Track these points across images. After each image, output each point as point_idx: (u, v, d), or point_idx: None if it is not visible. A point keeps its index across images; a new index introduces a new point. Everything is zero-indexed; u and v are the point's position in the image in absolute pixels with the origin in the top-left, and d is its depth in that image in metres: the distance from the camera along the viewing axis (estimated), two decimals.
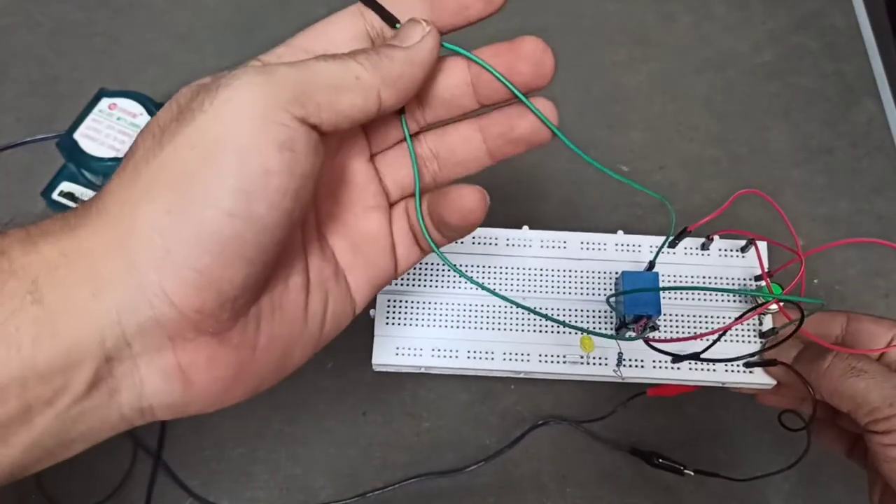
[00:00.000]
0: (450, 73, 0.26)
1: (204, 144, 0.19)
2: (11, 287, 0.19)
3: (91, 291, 0.19)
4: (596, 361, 0.36)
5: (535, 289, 0.37)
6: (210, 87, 0.21)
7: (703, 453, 0.48)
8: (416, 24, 0.25)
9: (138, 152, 0.21)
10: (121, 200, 0.20)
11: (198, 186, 0.20)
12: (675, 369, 0.36)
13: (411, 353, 0.36)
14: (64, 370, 0.19)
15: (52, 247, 0.20)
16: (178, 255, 0.19)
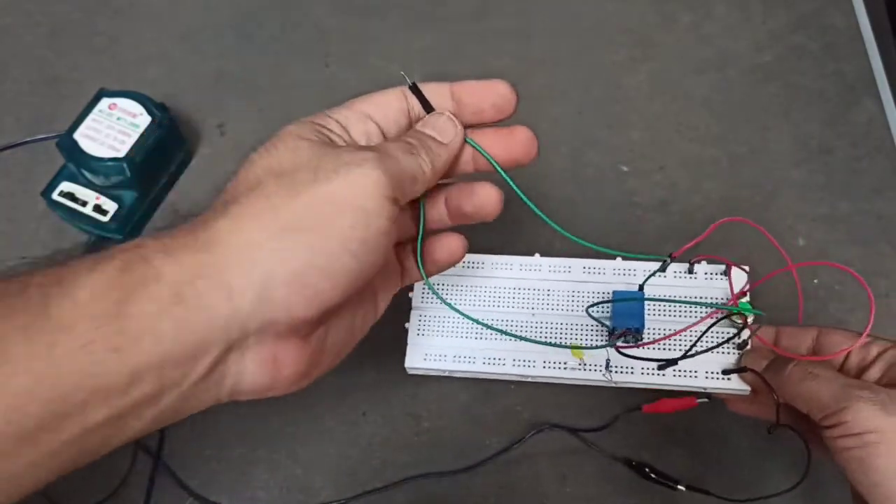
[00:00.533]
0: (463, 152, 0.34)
1: (340, 203, 0.26)
2: (156, 291, 0.24)
3: (225, 297, 0.25)
4: (592, 367, 0.41)
5: (544, 306, 0.43)
6: (339, 157, 0.27)
7: (700, 470, 0.48)
8: (449, 121, 0.32)
9: (269, 186, 0.27)
10: (257, 227, 0.26)
11: (334, 232, 0.26)
12: (661, 375, 0.40)
13: (437, 358, 0.43)
14: (193, 358, 0.25)
15: (191, 259, 0.25)
16: (308, 278, 0.26)
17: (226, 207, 0.26)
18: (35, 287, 0.23)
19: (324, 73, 0.62)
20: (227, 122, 0.60)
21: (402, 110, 0.32)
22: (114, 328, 0.23)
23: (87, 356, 0.23)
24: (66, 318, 0.23)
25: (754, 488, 0.47)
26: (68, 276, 0.24)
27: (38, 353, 0.22)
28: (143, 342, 0.24)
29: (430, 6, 0.65)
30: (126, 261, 0.24)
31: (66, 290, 0.23)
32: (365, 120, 0.31)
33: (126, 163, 0.51)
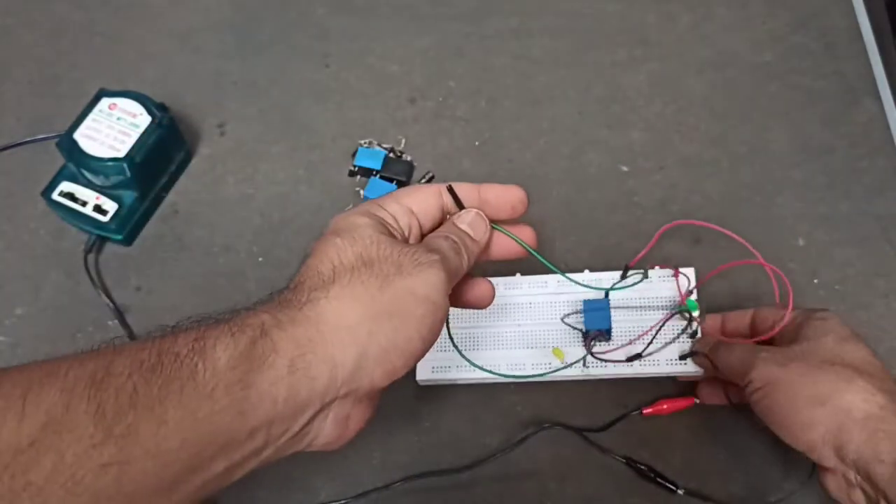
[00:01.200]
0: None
1: (417, 296, 0.32)
2: (275, 362, 0.29)
3: (328, 368, 0.30)
4: (574, 366, 0.48)
5: (527, 318, 0.49)
6: (415, 257, 0.33)
7: (700, 474, 0.48)
8: (480, 219, 0.38)
9: (362, 274, 0.32)
10: (356, 311, 0.31)
11: (412, 320, 0.32)
12: (629, 366, 0.47)
13: (443, 369, 0.48)
14: (294, 417, 0.29)
15: (303, 335, 0.30)
16: (390, 355, 0.31)
17: (327, 288, 0.31)
18: (186, 357, 0.27)
19: (324, 73, 0.62)
20: (227, 122, 0.60)
21: (438, 206, 0.37)
22: (242, 395, 0.28)
23: (220, 419, 0.27)
24: (209, 386, 0.27)
25: (754, 495, 0.47)
26: (209, 347, 0.28)
27: (186, 417, 0.26)
28: (262, 406, 0.28)
29: (430, 6, 0.65)
30: (252, 337, 0.29)
31: (208, 361, 0.28)
32: (409, 214, 0.36)
33: (126, 163, 0.51)
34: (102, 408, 0.25)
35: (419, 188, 0.37)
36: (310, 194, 0.57)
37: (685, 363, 0.47)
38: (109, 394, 0.26)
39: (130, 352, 0.27)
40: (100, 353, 0.27)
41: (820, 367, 0.39)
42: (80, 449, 0.24)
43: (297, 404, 0.29)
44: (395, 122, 0.60)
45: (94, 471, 0.25)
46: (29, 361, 0.28)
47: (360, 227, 0.34)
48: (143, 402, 0.26)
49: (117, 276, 0.54)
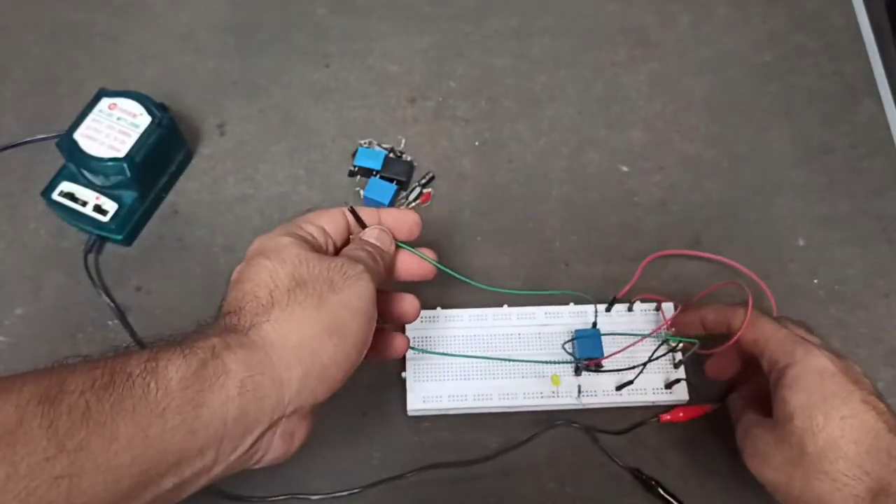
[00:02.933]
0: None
1: (351, 309, 0.34)
2: (226, 383, 0.30)
3: (277, 387, 0.31)
4: (565, 394, 0.49)
5: (516, 348, 0.50)
6: (343, 270, 0.35)
7: (708, 491, 0.48)
8: (384, 233, 0.40)
9: (299, 295, 0.33)
10: (298, 332, 0.33)
11: (349, 333, 0.34)
12: (619, 395, 0.49)
13: (434, 400, 0.49)
14: (243, 436, 0.31)
15: (252, 358, 0.31)
16: (331, 371, 0.33)
17: (267, 312, 0.33)
18: (138, 377, 0.28)
19: (324, 73, 0.62)
20: (227, 122, 0.60)
21: (345, 227, 0.40)
22: (193, 414, 0.29)
23: (171, 437, 0.28)
24: (161, 405, 0.28)
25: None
26: (161, 367, 0.29)
27: (137, 434, 0.27)
28: (213, 425, 0.29)
29: (430, 6, 0.65)
30: (203, 359, 0.30)
31: (160, 381, 0.29)
32: (324, 234, 0.39)
33: (126, 163, 0.51)
34: (55, 423, 0.26)
35: (325, 211, 0.40)
36: (310, 194, 0.57)
37: (671, 392, 0.49)
38: (62, 410, 0.27)
39: (84, 370, 0.28)
40: (54, 371, 0.28)
41: (801, 465, 0.38)
42: (33, 461, 0.25)
43: (247, 423, 0.31)
44: (395, 122, 0.60)
45: (46, 483, 0.25)
46: (22, 368, 0.28)
47: (286, 247, 0.35)
48: (95, 418, 0.27)
49: (117, 276, 0.54)
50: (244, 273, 0.35)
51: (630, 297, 0.51)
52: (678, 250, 0.54)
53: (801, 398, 0.38)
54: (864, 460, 0.36)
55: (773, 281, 0.52)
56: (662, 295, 0.51)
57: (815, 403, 0.38)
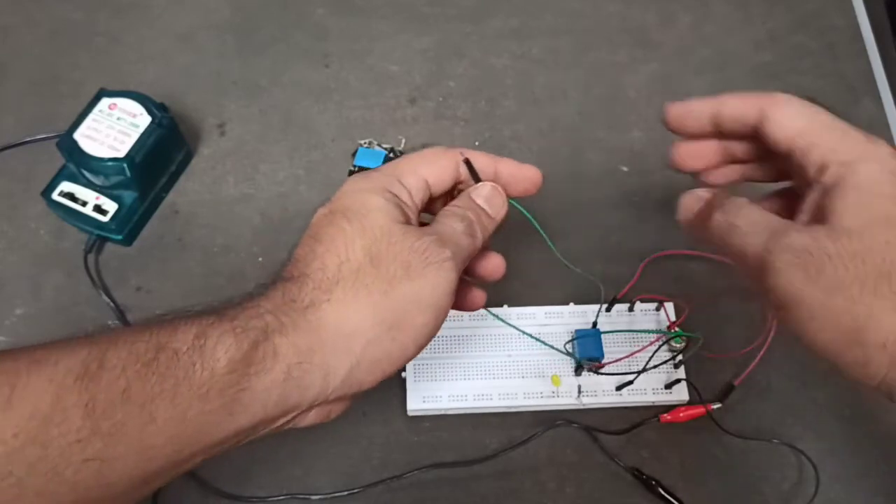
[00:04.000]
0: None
1: (422, 303, 0.31)
2: (272, 367, 0.28)
3: (322, 376, 0.30)
4: (565, 394, 0.48)
5: (517, 348, 0.50)
6: (424, 255, 0.31)
7: (708, 491, 0.48)
8: (498, 193, 0.36)
9: (368, 275, 0.30)
10: (357, 319, 0.30)
11: (412, 330, 0.31)
12: (619, 395, 0.48)
13: (434, 400, 0.48)
14: (279, 418, 0.30)
15: (303, 341, 0.29)
16: (382, 364, 0.31)
17: (330, 289, 0.30)
18: (185, 354, 0.27)
19: (324, 73, 0.62)
20: (227, 122, 0.60)
21: (453, 177, 0.36)
22: (235, 397, 0.28)
23: (209, 418, 0.27)
24: (204, 388, 0.27)
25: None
26: (209, 346, 0.28)
27: (175, 416, 0.26)
28: (252, 408, 0.28)
29: (430, 6, 0.65)
30: (255, 340, 0.28)
31: (207, 361, 0.27)
32: (426, 188, 0.35)
33: (126, 163, 0.51)
34: (92, 403, 0.25)
35: (436, 155, 0.35)
36: (310, 194, 0.57)
37: (670, 392, 0.49)
38: (100, 388, 0.25)
39: (126, 342, 0.27)
40: (93, 341, 0.27)
41: (875, 291, 0.28)
42: (65, 442, 0.25)
43: (286, 408, 0.30)
44: (395, 122, 0.60)
45: (76, 464, 0.25)
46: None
47: (371, 213, 0.32)
48: (134, 399, 0.26)
49: (117, 276, 0.54)
50: (321, 231, 0.32)
51: (630, 297, 0.51)
52: (678, 250, 0.54)
53: (882, 206, 0.29)
54: None
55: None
56: (663, 295, 0.51)
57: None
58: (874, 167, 0.30)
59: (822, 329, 0.29)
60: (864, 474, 0.48)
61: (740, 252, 0.32)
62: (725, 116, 0.36)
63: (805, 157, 0.32)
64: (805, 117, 0.33)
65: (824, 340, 0.29)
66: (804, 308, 0.29)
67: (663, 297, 0.51)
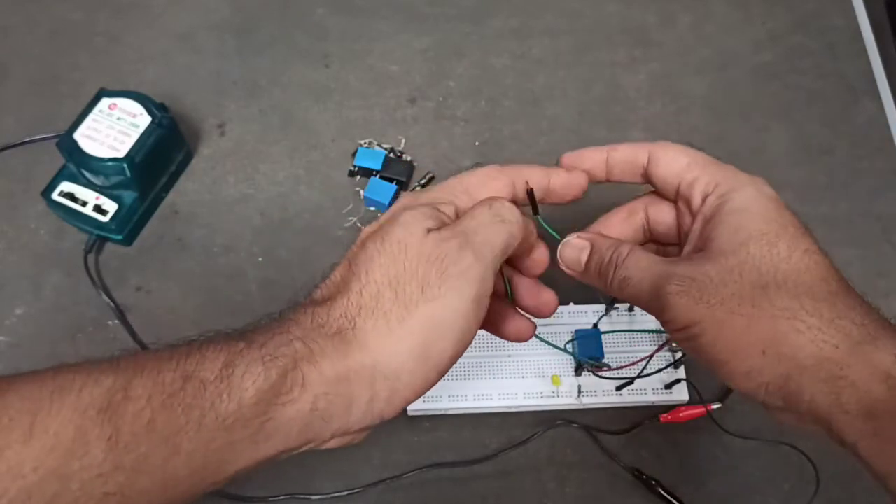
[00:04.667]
0: None
1: (442, 327, 0.30)
2: (299, 398, 0.28)
3: (346, 407, 0.29)
4: (565, 394, 0.49)
5: (517, 347, 0.50)
6: (444, 268, 0.30)
7: (708, 491, 0.48)
8: (546, 255, 0.36)
9: (385, 303, 0.29)
10: (378, 348, 0.29)
11: (433, 360, 0.30)
12: (619, 395, 0.48)
13: (434, 399, 0.48)
14: (300, 446, 0.29)
15: (330, 369, 0.28)
16: (405, 393, 0.30)
17: (354, 320, 0.29)
18: (212, 384, 0.26)
19: (324, 73, 0.62)
20: (227, 122, 0.60)
21: (509, 198, 0.34)
22: (260, 428, 0.27)
23: (232, 448, 0.27)
24: (230, 419, 0.26)
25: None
26: (237, 376, 0.27)
27: (200, 448, 0.26)
28: (276, 438, 0.28)
29: (430, 6, 0.65)
30: (284, 369, 0.28)
31: (234, 392, 0.27)
32: (470, 199, 0.34)
33: (126, 163, 0.51)
34: (116, 435, 0.24)
35: (489, 176, 0.34)
36: (310, 194, 0.57)
37: (670, 392, 0.49)
38: (125, 420, 0.25)
39: (152, 371, 0.26)
40: (118, 368, 0.26)
41: (752, 301, 0.30)
42: (86, 477, 0.24)
43: (307, 438, 0.29)
44: (395, 122, 0.60)
45: (97, 498, 0.24)
46: (23, 368, 0.26)
47: (396, 227, 0.31)
48: (159, 430, 0.25)
49: (117, 276, 0.54)
50: (357, 251, 0.31)
51: None
52: None
53: (758, 223, 0.31)
54: (835, 302, 0.29)
55: None
56: None
57: (775, 231, 0.31)
58: (750, 192, 0.32)
59: (711, 344, 0.30)
60: (864, 474, 0.48)
61: (637, 299, 0.34)
62: (617, 162, 0.38)
63: (690, 189, 0.34)
64: (688, 156, 0.36)
65: (714, 355, 0.31)
66: (696, 328, 0.31)
67: None
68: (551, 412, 0.49)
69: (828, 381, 0.28)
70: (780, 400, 0.30)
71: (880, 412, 0.27)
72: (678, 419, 0.48)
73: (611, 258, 0.35)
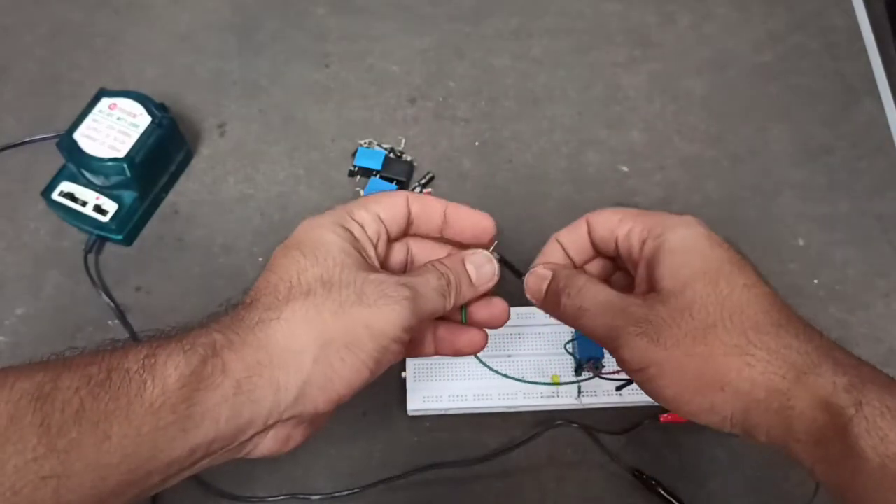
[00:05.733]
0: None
1: (372, 329, 0.31)
2: (223, 382, 0.29)
3: (273, 391, 0.30)
4: (565, 394, 0.49)
5: (516, 348, 0.50)
6: (382, 288, 0.32)
7: (708, 491, 0.48)
8: (489, 264, 0.36)
9: (319, 297, 0.31)
10: (306, 337, 0.30)
11: (362, 352, 0.31)
12: (619, 395, 0.48)
13: (434, 399, 0.49)
14: (235, 436, 0.30)
15: (252, 357, 0.30)
16: (334, 384, 0.31)
17: (280, 308, 0.31)
18: (136, 373, 0.28)
19: (324, 73, 0.62)
20: (227, 122, 0.60)
21: (404, 215, 0.36)
22: (187, 413, 0.28)
23: (163, 435, 0.27)
24: (156, 403, 0.27)
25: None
26: (160, 364, 0.28)
27: (130, 433, 0.27)
28: (205, 424, 0.28)
29: (430, 6, 0.65)
30: (204, 356, 0.29)
31: (157, 378, 0.28)
32: (378, 222, 0.35)
33: (126, 163, 0.51)
34: (47, 421, 0.26)
35: (387, 195, 0.36)
36: (310, 194, 0.57)
37: None
38: (55, 407, 0.26)
39: (80, 365, 0.28)
40: (49, 366, 0.28)
41: (704, 340, 0.31)
42: (21, 461, 0.25)
43: (239, 425, 0.29)
44: (395, 122, 0.60)
45: (33, 482, 0.25)
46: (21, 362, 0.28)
47: (326, 245, 0.33)
48: (88, 417, 0.26)
49: (117, 276, 0.54)
50: (276, 262, 0.33)
51: None
52: None
53: (695, 263, 0.32)
54: (779, 333, 0.31)
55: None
56: None
57: (713, 269, 0.32)
58: (683, 231, 0.34)
59: (669, 385, 0.32)
60: None
61: (592, 331, 0.35)
62: (569, 244, 0.38)
63: (627, 240, 0.35)
64: (619, 213, 0.36)
65: (673, 394, 0.32)
66: (653, 369, 0.32)
67: None
68: (551, 412, 0.49)
69: (779, 412, 0.30)
70: (742, 430, 0.31)
71: (827, 439, 0.29)
72: (678, 419, 0.48)
73: (564, 286, 0.36)
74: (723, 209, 0.57)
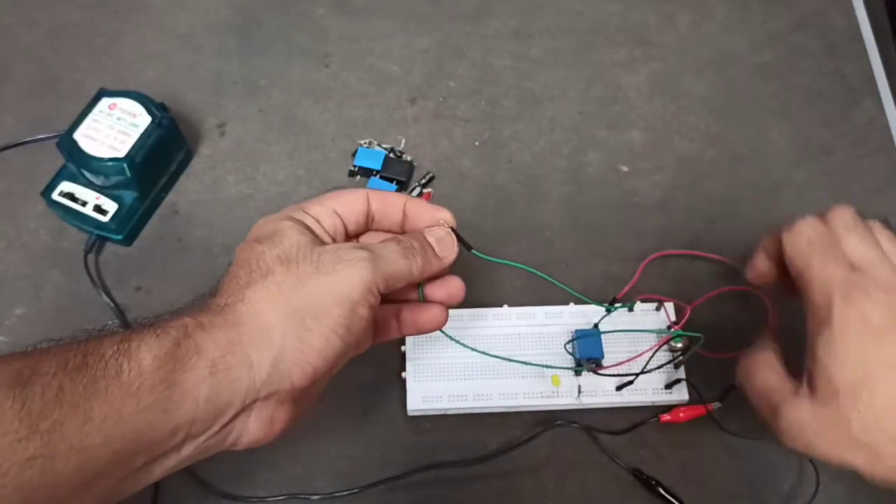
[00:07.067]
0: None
1: (335, 294, 0.32)
2: (198, 363, 0.30)
3: (247, 369, 0.31)
4: (565, 394, 0.49)
5: (517, 348, 0.50)
6: (338, 254, 0.33)
7: (708, 491, 0.48)
8: (450, 238, 0.37)
9: (278, 275, 0.32)
10: (270, 312, 0.31)
11: (329, 319, 0.32)
12: (619, 395, 0.49)
13: (434, 399, 0.49)
14: (215, 417, 0.30)
15: (222, 336, 0.30)
16: (308, 356, 0.32)
17: (243, 291, 0.32)
18: (111, 357, 0.29)
19: (324, 73, 0.62)
20: (227, 122, 0.60)
21: (363, 210, 0.37)
22: (166, 394, 0.29)
23: (144, 416, 0.28)
24: (134, 385, 0.28)
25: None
26: (134, 348, 0.29)
27: (111, 414, 0.28)
28: (185, 405, 0.29)
29: (430, 6, 0.65)
30: (176, 338, 0.30)
31: (133, 361, 0.29)
32: (333, 215, 0.36)
33: (126, 163, 0.51)
34: (28, 405, 0.26)
35: (344, 191, 0.38)
36: (310, 194, 0.57)
37: (670, 392, 0.49)
38: (35, 391, 0.27)
39: (57, 353, 0.28)
40: (27, 355, 0.28)
41: (851, 445, 0.34)
42: (5, 443, 0.26)
43: (218, 405, 0.30)
44: (395, 122, 0.60)
45: (19, 463, 0.26)
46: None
47: (281, 231, 0.34)
48: (68, 399, 0.27)
49: (117, 276, 0.54)
50: (238, 257, 0.34)
51: (630, 297, 0.51)
52: (678, 250, 0.54)
53: (844, 374, 0.34)
54: None
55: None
56: (663, 295, 0.51)
57: (859, 379, 0.33)
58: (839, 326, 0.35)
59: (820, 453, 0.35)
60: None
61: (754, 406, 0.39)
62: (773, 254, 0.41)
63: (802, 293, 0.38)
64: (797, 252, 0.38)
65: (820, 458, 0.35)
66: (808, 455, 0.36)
67: (663, 297, 0.51)
68: (551, 412, 0.49)
69: None
70: None
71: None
72: (678, 419, 0.48)
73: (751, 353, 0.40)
74: (723, 209, 0.57)
